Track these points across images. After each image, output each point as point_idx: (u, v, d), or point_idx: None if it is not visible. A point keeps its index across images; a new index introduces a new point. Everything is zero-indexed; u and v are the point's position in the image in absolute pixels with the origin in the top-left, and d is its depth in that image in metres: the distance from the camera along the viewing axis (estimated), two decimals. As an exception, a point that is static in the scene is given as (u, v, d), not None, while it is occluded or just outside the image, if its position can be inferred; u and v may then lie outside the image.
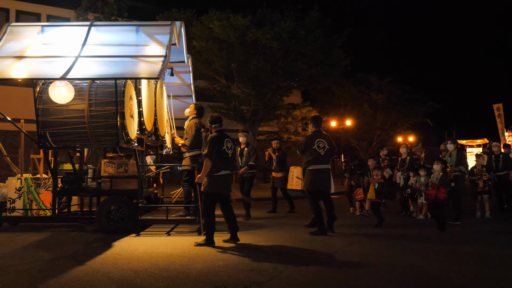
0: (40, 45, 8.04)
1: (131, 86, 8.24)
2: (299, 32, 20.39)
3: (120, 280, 4.82)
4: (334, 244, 7.05)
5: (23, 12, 24.33)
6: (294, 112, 27.39)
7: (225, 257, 6.00)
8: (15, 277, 4.94)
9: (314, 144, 7.88)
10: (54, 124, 7.71)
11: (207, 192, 6.87)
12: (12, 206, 8.46)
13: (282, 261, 5.83)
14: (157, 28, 8.47)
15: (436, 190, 8.24)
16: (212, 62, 21.02)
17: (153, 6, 28.65)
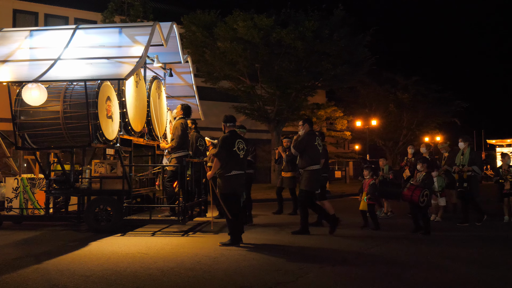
0: (26, 49, 8.36)
1: (109, 87, 8.34)
2: (323, 31, 20.27)
3: (147, 279, 4.85)
4: (358, 245, 6.96)
5: (51, 15, 24.86)
6: (319, 112, 27.25)
7: (250, 258, 5.98)
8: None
9: (316, 141, 7.88)
10: (32, 126, 7.94)
11: (222, 193, 6.89)
12: (10, 205, 8.68)
13: (307, 261, 5.78)
14: (139, 30, 8.63)
15: (412, 191, 7.96)
16: (236, 62, 21.07)
17: (178, 8, 28.96)
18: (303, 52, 20.33)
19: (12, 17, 23.85)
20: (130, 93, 8.70)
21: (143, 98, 9.31)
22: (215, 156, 6.84)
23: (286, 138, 11.61)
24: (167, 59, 10.31)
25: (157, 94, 10.01)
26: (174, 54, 10.11)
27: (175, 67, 10.91)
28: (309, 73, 21.81)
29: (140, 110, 9.08)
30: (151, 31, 8.22)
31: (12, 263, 5.61)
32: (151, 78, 9.82)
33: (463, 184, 9.06)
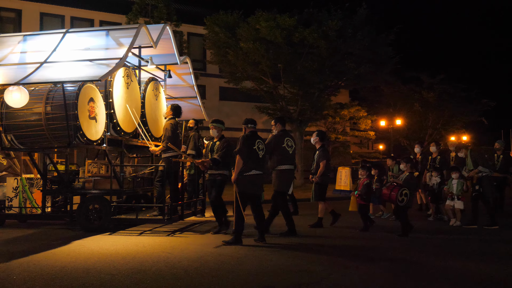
0: (18, 53, 8.65)
1: (93, 89, 8.47)
2: (346, 30, 20.12)
3: (171, 279, 4.89)
4: (380, 246, 6.90)
5: (77, 18, 25.32)
6: (342, 112, 27.07)
7: (273, 258, 5.98)
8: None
9: (284, 142, 7.76)
10: (17, 127, 8.18)
11: (239, 191, 6.90)
12: (10, 204, 8.95)
13: (330, 262, 5.76)
14: (124, 32, 8.81)
15: (390, 190, 7.79)
16: (259, 63, 21.07)
17: (201, 9, 29.14)
18: (326, 52, 20.21)
19: (39, 20, 24.37)
20: (120, 94, 8.80)
21: (136, 99, 9.36)
22: (236, 153, 6.87)
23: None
24: (165, 60, 10.45)
25: (154, 95, 10.10)
26: (170, 56, 10.27)
27: (176, 68, 11.02)
28: (332, 72, 21.67)
29: (135, 111, 9.08)
30: (135, 34, 8.39)
31: (36, 262, 5.73)
32: (147, 79, 9.93)
33: (475, 187, 8.81)
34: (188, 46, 24.06)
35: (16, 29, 23.40)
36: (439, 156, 10.30)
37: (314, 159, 9.04)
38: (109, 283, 4.70)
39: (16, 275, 5.00)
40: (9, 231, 8.39)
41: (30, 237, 7.84)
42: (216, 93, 28.38)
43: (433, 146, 10.37)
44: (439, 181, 9.60)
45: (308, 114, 22.80)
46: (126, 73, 8.99)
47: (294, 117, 22.70)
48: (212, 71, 27.32)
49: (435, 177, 9.73)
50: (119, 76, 8.76)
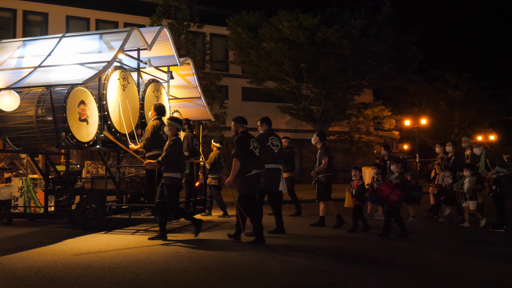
0: (16, 58, 8.91)
1: (83, 92, 8.63)
2: (370, 29, 19.95)
3: (195, 278, 4.93)
4: (402, 248, 6.81)
5: (102, 20, 25.70)
6: (366, 112, 26.83)
7: (296, 259, 5.97)
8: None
9: (268, 141, 7.69)
10: (12, 129, 8.49)
11: (247, 193, 6.86)
12: (16, 204, 9.22)
13: (353, 263, 5.72)
14: (115, 35, 8.83)
15: (391, 189, 7.60)
16: (281, 63, 21.06)
17: (224, 10, 29.26)
18: (349, 51, 20.07)
19: (65, 23, 24.83)
20: (115, 96, 8.89)
21: (134, 101, 9.44)
22: (233, 156, 6.78)
23: (284, 138, 11.27)
24: (166, 62, 10.57)
25: (155, 96, 10.18)
26: (169, 58, 10.41)
27: (179, 69, 11.09)
28: (355, 72, 21.51)
29: (129, 113, 9.12)
30: (125, 37, 8.50)
31: (63, 261, 5.83)
32: (147, 81, 10.02)
33: (492, 187, 8.51)
34: (210, 47, 24.18)
35: (43, 32, 23.90)
36: (453, 156, 9.98)
37: (317, 158, 8.98)
38: (134, 282, 4.75)
39: (43, 273, 5.10)
40: (23, 229, 8.61)
41: (46, 234, 7.96)
42: (239, 94, 28.45)
43: (449, 145, 10.07)
44: (451, 181, 9.35)
45: (331, 114, 22.68)
46: (122, 75, 9.13)
47: (317, 117, 22.61)
48: (234, 71, 27.40)
49: (447, 178, 9.49)
50: (114, 78, 8.91)
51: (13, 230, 8.61)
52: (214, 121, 21.92)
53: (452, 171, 9.46)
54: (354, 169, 8.60)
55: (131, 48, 9.34)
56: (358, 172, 8.48)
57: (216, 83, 22.34)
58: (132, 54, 9.43)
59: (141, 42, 9.01)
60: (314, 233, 8.11)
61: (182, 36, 21.62)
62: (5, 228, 8.84)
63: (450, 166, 9.65)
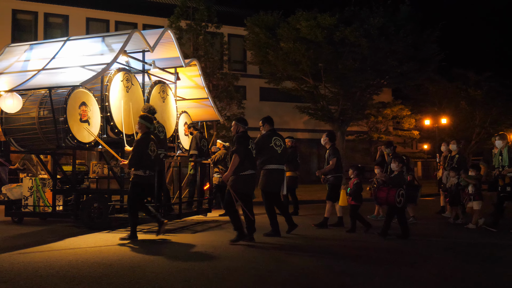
0: (22, 61, 9.12)
1: (85, 93, 8.82)
2: (389, 28, 19.78)
3: (215, 278, 4.94)
4: (420, 250, 6.72)
5: (121, 22, 25.97)
6: (385, 111, 26.62)
7: (313, 260, 5.94)
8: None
9: (271, 142, 7.57)
10: (16, 131, 8.78)
11: (235, 191, 6.84)
12: (26, 203, 9.41)
13: (372, 264, 5.67)
14: (117, 38, 9.01)
15: (386, 192, 7.42)
16: (299, 62, 21.01)
17: (242, 10, 29.31)
18: (368, 50, 19.91)
19: (86, 25, 25.17)
20: (118, 98, 9.02)
21: (137, 102, 9.56)
22: (234, 152, 6.82)
23: (288, 138, 11.26)
24: (172, 63, 10.75)
25: (161, 97, 10.34)
26: (175, 60, 10.59)
27: (186, 70, 11.24)
28: (374, 71, 21.34)
29: (133, 114, 9.21)
30: (125, 39, 8.64)
31: (84, 259, 5.90)
32: (153, 83, 10.14)
33: (505, 188, 8.13)
34: (228, 48, 24.25)
35: (64, 34, 24.25)
36: (457, 155, 9.78)
37: (326, 158, 8.95)
38: (153, 281, 4.78)
39: (64, 272, 5.17)
40: (37, 227, 8.73)
41: (62, 232, 8.06)
42: (257, 94, 28.47)
43: (453, 144, 9.83)
44: (456, 181, 9.14)
45: (349, 114, 22.54)
46: (125, 77, 9.25)
47: (336, 117, 22.49)
48: (252, 71, 27.43)
49: (452, 178, 9.27)
50: (117, 80, 9.03)
51: (27, 228, 8.76)
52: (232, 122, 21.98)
53: (457, 171, 9.23)
54: (351, 168, 8.51)
55: (135, 50, 9.50)
56: (355, 170, 8.35)
57: (234, 84, 22.39)
58: (137, 56, 9.61)
59: (145, 44, 9.12)
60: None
61: (200, 37, 21.73)
62: (18, 227, 9.03)
63: (454, 166, 9.44)
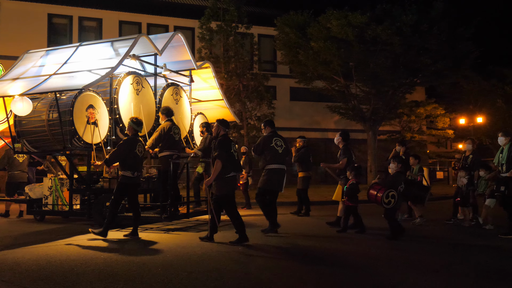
0: (37, 67, 9.47)
1: (92, 97, 9.09)
2: (422, 25, 19.38)
3: (246, 276, 4.93)
4: (451, 252, 6.55)
5: (153, 24, 26.34)
6: (418, 110, 26.10)
7: (342, 261, 5.87)
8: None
9: (272, 142, 7.85)
10: (28, 133, 9.19)
11: (222, 194, 6.96)
12: (46, 202, 9.74)
13: (404, 267, 5.56)
14: (124, 42, 9.17)
15: (376, 191, 7.36)
16: (330, 62, 20.84)
17: (272, 10, 29.29)
18: (400, 48, 19.57)
19: (118, 27, 25.65)
20: (127, 100, 9.32)
21: (148, 105, 9.83)
22: (216, 158, 6.89)
23: (299, 137, 11.33)
24: (186, 66, 10.91)
25: (174, 99, 10.56)
26: (185, 62, 10.78)
27: (200, 73, 11.47)
28: (406, 69, 20.96)
29: (144, 116, 9.37)
30: (132, 44, 8.81)
31: (118, 258, 5.99)
32: (165, 85, 10.37)
33: (499, 187, 7.77)
34: (258, 48, 24.27)
35: (97, 37, 24.78)
36: (471, 155, 9.40)
37: (338, 158, 8.91)
38: (186, 280, 4.82)
39: (99, 270, 5.26)
40: (60, 225, 8.88)
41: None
42: (287, 94, 28.39)
43: (469, 143, 9.46)
44: (466, 182, 8.86)
45: (381, 113, 22.22)
46: (135, 80, 9.53)
47: (367, 116, 22.21)
48: (282, 71, 27.37)
49: (463, 177, 8.99)
50: (126, 83, 9.31)
51: (54, 225, 9.02)
52: (263, 122, 21.98)
53: (468, 171, 8.92)
54: (348, 169, 8.37)
55: (147, 54, 9.75)
56: (352, 171, 8.24)
57: (264, 84, 22.39)
58: (150, 60, 9.92)
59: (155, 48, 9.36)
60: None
61: (231, 38, 21.82)
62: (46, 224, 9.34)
63: (467, 166, 9.11)
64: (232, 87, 21.54)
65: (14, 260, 5.76)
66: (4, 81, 9.44)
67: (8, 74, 9.76)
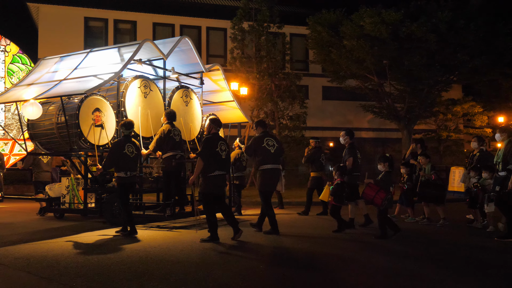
0: (51, 73, 9.91)
1: (98, 100, 9.52)
2: (458, 21, 18.91)
3: (282, 274, 4.93)
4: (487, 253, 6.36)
5: (186, 26, 26.65)
6: (454, 108, 25.49)
7: (376, 260, 5.79)
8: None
9: (263, 142, 7.79)
10: (40, 135, 9.71)
11: (203, 192, 7.08)
12: (63, 200, 10.21)
13: (441, 267, 5.43)
14: (129, 48, 9.46)
15: (375, 192, 7.23)
16: (363, 60, 20.60)
17: (304, 9, 29.17)
18: (436, 45, 19.14)
19: (152, 29, 26.06)
20: (135, 103, 9.68)
21: (156, 107, 10.18)
22: (198, 155, 7.09)
23: (312, 138, 11.28)
24: (197, 69, 11.17)
25: (184, 101, 10.85)
26: (194, 65, 11.04)
27: (211, 75, 11.73)
28: (442, 66, 20.50)
29: (151, 118, 9.89)
30: (136, 49, 9.12)
31: (153, 255, 6.09)
32: (174, 88, 10.65)
33: (495, 187, 7.45)
34: (290, 47, 24.21)
35: (132, 39, 25.25)
36: (478, 153, 8.96)
37: (343, 158, 8.79)
38: (220, 279, 4.85)
39: (136, 267, 5.36)
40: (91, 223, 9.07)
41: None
42: (319, 93, 28.22)
43: (474, 141, 9.00)
44: (475, 182, 8.47)
45: (416, 112, 21.82)
46: (142, 84, 9.84)
47: (402, 115, 21.84)
48: (314, 70, 27.22)
49: (472, 178, 8.62)
50: (133, 87, 9.65)
51: (77, 223, 9.14)
52: (295, 121, 21.96)
53: (478, 171, 8.53)
54: (334, 168, 8.27)
55: (156, 58, 10.09)
56: (337, 171, 8.11)
57: (296, 83, 22.33)
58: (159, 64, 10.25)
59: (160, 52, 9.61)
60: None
61: (263, 38, 21.85)
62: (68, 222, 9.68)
63: (478, 166, 8.66)
64: (264, 87, 21.56)
65: (54, 257, 5.94)
66: (20, 86, 10.06)
67: (25, 80, 10.36)
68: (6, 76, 15.44)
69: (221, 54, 26.64)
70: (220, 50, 26.91)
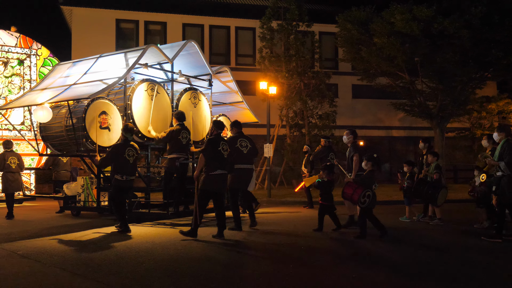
0: (63, 77, 10.28)
1: (105, 104, 9.90)
2: (493, 17, 18.40)
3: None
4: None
5: (215, 26, 26.81)
6: (489, 106, 24.83)
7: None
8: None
9: (237, 143, 8.15)
10: (51, 137, 10.29)
11: (201, 189, 7.27)
12: (79, 199, 10.71)
13: (466, 263, 5.31)
14: (134, 53, 9.77)
15: (353, 189, 7.27)
16: (394, 57, 20.29)
17: (333, 7, 28.96)
18: (469, 41, 18.68)
19: (182, 30, 26.33)
20: (142, 106, 9.94)
21: (163, 109, 10.48)
22: (200, 152, 7.30)
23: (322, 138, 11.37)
24: (205, 71, 11.42)
25: (192, 103, 11.01)
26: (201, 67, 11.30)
27: (220, 76, 11.99)
28: (476, 63, 19.99)
29: (159, 120, 10.21)
30: (140, 54, 9.43)
31: (182, 256, 6.15)
32: (182, 90, 10.83)
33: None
34: (319, 46, 24.07)
35: (162, 40, 25.57)
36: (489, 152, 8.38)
37: (347, 157, 8.66)
38: (255, 278, 4.87)
39: (167, 265, 5.43)
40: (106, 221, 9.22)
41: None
42: (349, 91, 27.94)
43: (485, 139, 8.59)
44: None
45: (449, 110, 21.35)
46: (150, 87, 10.11)
47: (434, 113, 21.42)
48: (344, 69, 26.98)
49: (476, 177, 8.45)
50: (140, 90, 9.92)
51: (110, 221, 9.35)
52: (324, 120, 21.82)
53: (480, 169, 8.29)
54: (321, 168, 8.34)
55: (163, 61, 10.42)
56: (325, 170, 8.14)
57: (326, 82, 22.17)
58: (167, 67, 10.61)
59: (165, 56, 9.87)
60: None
61: (291, 37, 21.79)
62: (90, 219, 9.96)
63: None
64: (293, 86, 21.51)
65: (87, 255, 6.08)
66: (35, 91, 10.54)
67: (40, 84, 10.84)
68: (38, 79, 15.86)
69: (250, 53, 26.70)
70: (249, 50, 26.97)
